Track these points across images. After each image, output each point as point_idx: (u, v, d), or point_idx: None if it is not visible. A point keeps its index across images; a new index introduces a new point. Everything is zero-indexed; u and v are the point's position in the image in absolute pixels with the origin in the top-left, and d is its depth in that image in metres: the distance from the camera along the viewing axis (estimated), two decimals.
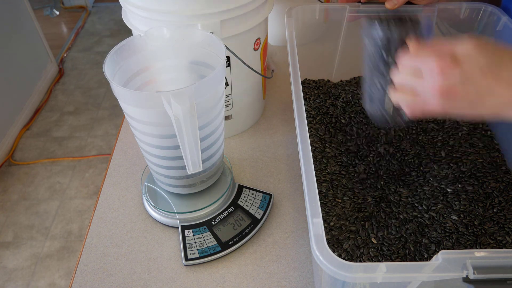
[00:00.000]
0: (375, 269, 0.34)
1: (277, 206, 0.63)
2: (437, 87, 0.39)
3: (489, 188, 0.57)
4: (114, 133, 2.02)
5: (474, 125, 0.67)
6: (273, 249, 0.57)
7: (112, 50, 0.50)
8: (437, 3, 0.65)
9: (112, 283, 0.54)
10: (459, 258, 0.34)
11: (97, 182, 1.79)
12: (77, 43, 2.68)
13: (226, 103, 0.68)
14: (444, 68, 0.39)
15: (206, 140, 0.53)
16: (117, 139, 0.75)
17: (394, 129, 0.66)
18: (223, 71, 0.50)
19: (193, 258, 0.55)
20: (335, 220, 0.54)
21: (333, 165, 0.61)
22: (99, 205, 0.64)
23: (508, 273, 0.33)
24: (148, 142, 0.51)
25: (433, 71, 0.40)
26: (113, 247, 0.58)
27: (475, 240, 0.52)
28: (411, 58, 0.43)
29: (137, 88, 0.55)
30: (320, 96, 0.73)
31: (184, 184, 0.58)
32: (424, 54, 0.41)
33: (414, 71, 0.42)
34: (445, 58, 0.39)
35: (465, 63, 0.39)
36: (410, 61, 0.43)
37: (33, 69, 2.17)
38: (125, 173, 0.68)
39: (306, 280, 0.54)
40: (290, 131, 0.75)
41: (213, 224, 0.58)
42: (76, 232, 1.60)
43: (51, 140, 1.99)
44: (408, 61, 0.43)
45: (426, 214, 0.55)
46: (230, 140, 0.74)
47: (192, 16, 0.55)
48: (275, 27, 0.92)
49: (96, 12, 3.03)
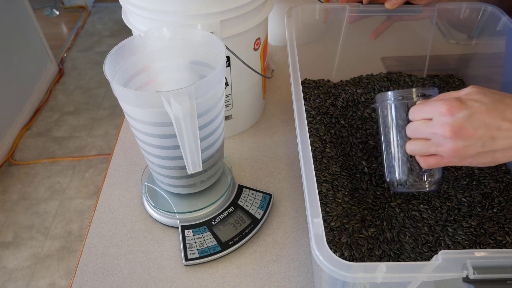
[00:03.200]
0: (375, 269, 0.34)
1: (277, 206, 0.63)
2: (446, 127, 0.41)
3: (489, 188, 0.57)
4: (114, 133, 2.02)
5: None
6: (273, 249, 0.57)
7: (112, 50, 0.50)
8: (437, 3, 0.65)
9: (112, 283, 0.54)
10: (459, 258, 0.34)
11: (97, 182, 1.79)
12: (77, 43, 2.68)
13: (226, 103, 0.68)
14: (452, 108, 0.41)
15: (206, 140, 0.53)
16: (117, 139, 0.75)
17: None
18: (223, 71, 0.50)
19: (193, 258, 0.55)
20: (335, 220, 0.54)
21: (333, 165, 0.61)
22: (99, 205, 0.64)
23: (508, 273, 0.33)
24: (148, 142, 0.51)
25: (441, 113, 0.42)
26: (113, 247, 0.58)
27: (475, 240, 0.52)
28: (420, 107, 0.45)
29: (137, 88, 0.55)
30: (320, 96, 0.73)
31: (184, 184, 0.58)
32: (432, 102, 0.44)
33: (425, 119, 0.45)
34: (451, 100, 0.42)
35: (470, 102, 0.41)
36: (420, 110, 0.45)
37: (33, 69, 2.17)
38: (125, 173, 0.68)
39: (306, 280, 0.54)
40: (290, 131, 0.75)
41: (213, 224, 0.58)
42: (76, 232, 1.60)
43: (51, 140, 1.99)
44: (418, 110, 0.46)
45: (426, 214, 0.55)
46: (230, 140, 0.74)
47: (192, 16, 0.55)
48: (275, 27, 0.92)
49: (96, 12, 3.03)
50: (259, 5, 0.60)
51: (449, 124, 0.41)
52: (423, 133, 0.45)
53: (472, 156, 0.42)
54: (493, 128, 0.40)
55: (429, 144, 0.45)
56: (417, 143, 0.47)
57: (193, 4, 0.55)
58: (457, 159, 0.43)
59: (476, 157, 0.42)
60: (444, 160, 0.45)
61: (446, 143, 0.42)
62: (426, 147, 0.45)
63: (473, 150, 0.42)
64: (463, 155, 0.42)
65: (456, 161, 0.44)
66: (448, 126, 0.41)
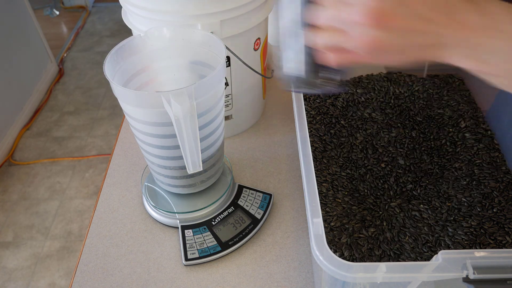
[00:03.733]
0: (375, 269, 0.34)
1: (277, 206, 0.63)
2: (367, 12, 0.32)
3: (489, 188, 0.57)
4: (114, 133, 2.02)
5: (475, 124, 0.67)
6: (273, 249, 0.57)
7: (112, 50, 0.50)
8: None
9: (112, 283, 0.54)
10: (459, 258, 0.34)
11: (97, 182, 1.79)
12: (77, 43, 2.68)
13: (226, 103, 0.68)
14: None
15: (206, 140, 0.53)
16: (117, 139, 0.75)
17: (393, 128, 0.66)
18: (223, 71, 0.50)
19: (193, 258, 0.55)
20: (335, 220, 0.54)
21: (333, 165, 0.61)
22: (99, 205, 0.64)
23: (508, 273, 0.33)
24: (148, 142, 0.51)
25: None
26: (113, 247, 0.58)
27: (475, 240, 0.52)
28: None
29: (137, 88, 0.55)
30: (320, 96, 0.73)
31: (184, 184, 0.58)
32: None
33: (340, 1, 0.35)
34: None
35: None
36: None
37: (33, 69, 2.17)
38: (125, 173, 0.68)
39: (306, 280, 0.54)
40: (290, 131, 0.75)
41: (213, 224, 0.58)
42: (76, 232, 1.60)
43: (51, 140, 1.99)
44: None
45: (426, 214, 0.55)
46: (230, 140, 0.74)
47: (192, 16, 0.55)
48: (275, 27, 0.92)
49: (96, 12, 3.03)
50: (259, 5, 0.60)
51: (372, 9, 0.32)
52: (336, 21, 0.35)
53: (392, 52, 0.35)
54: (424, 20, 0.33)
55: (342, 36, 0.36)
56: (327, 35, 0.37)
57: (193, 4, 0.55)
58: (373, 55, 0.35)
59: (395, 53, 0.35)
60: (357, 57, 0.36)
61: (364, 33, 0.34)
62: (338, 39, 0.36)
63: (395, 45, 0.34)
64: (382, 49, 0.34)
65: (371, 57, 0.36)
66: (370, 11, 0.32)
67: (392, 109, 0.70)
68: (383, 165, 0.61)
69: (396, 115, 0.69)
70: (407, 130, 0.66)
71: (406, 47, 0.34)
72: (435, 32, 0.33)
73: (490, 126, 0.66)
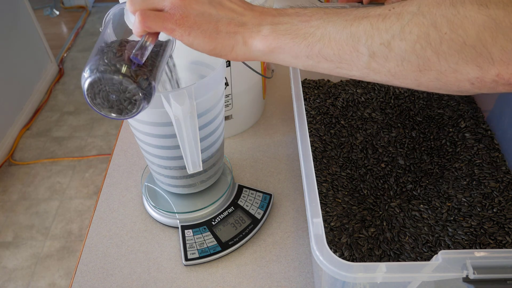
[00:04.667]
0: (375, 269, 0.34)
1: (277, 206, 0.63)
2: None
3: (489, 188, 0.57)
4: (114, 133, 2.02)
5: (475, 124, 0.67)
6: (273, 249, 0.57)
7: None
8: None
9: (112, 283, 0.54)
10: (459, 258, 0.34)
11: (97, 182, 1.79)
12: (77, 43, 2.68)
13: (226, 103, 0.68)
14: None
15: (206, 140, 0.53)
16: (117, 139, 0.75)
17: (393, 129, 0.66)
18: (223, 71, 0.50)
19: (193, 258, 0.55)
20: (335, 220, 0.54)
21: (333, 165, 0.61)
22: (99, 205, 0.64)
23: (508, 273, 0.33)
24: (148, 142, 0.51)
25: None
26: (113, 247, 0.58)
27: (475, 240, 0.52)
28: None
29: None
30: (320, 96, 0.73)
31: (184, 184, 0.58)
32: None
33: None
34: None
35: None
36: None
37: (33, 69, 2.17)
38: (125, 173, 0.68)
39: (306, 280, 0.54)
40: (290, 131, 0.75)
41: (213, 224, 0.58)
42: (76, 232, 1.60)
43: (51, 140, 1.99)
44: None
45: (426, 214, 0.55)
46: (230, 140, 0.74)
47: None
48: None
49: (96, 12, 3.03)
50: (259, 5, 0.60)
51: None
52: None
53: (197, 15, 0.35)
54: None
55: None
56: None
57: None
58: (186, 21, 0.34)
59: (199, 17, 0.35)
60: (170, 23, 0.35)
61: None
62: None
63: (200, 7, 0.35)
64: (188, 11, 0.34)
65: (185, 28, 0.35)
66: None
67: (392, 109, 0.70)
68: (383, 165, 0.62)
69: (396, 115, 0.69)
70: (407, 130, 0.67)
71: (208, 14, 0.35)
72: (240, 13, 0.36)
73: (490, 126, 0.66)
